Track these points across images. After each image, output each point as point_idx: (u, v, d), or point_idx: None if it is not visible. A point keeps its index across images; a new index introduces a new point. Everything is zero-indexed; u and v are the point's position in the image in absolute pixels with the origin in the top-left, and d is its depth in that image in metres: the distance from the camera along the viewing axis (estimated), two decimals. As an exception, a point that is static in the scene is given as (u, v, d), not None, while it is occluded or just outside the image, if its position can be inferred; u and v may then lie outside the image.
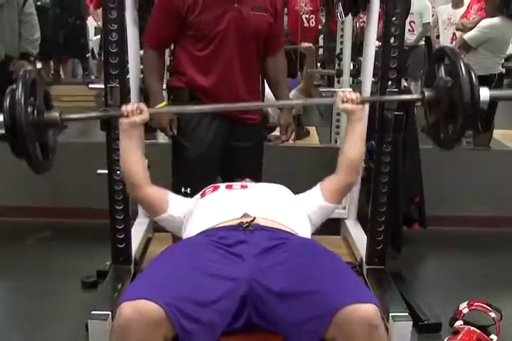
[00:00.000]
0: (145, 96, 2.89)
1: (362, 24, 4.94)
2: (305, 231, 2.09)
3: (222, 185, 2.25)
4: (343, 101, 2.18)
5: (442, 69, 2.08)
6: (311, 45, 4.48)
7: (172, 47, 2.83)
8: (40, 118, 1.96)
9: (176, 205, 2.18)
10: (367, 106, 2.90)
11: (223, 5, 2.55)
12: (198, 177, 2.66)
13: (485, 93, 1.94)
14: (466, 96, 1.90)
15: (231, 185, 2.24)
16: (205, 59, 2.63)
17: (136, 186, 2.15)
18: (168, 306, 1.54)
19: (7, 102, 1.85)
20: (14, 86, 1.86)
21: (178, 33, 2.63)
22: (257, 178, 2.56)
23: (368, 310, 1.55)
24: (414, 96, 2.22)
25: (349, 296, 1.57)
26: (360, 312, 1.53)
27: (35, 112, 1.93)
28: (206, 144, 2.70)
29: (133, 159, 2.14)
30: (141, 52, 2.98)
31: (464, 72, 1.92)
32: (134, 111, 2.09)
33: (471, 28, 4.98)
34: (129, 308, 1.53)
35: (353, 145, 2.22)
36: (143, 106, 2.12)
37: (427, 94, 2.10)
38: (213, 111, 2.50)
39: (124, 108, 2.11)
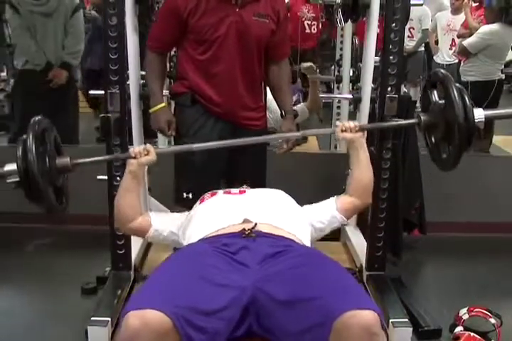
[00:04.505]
0: (145, 103, 2.90)
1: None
2: (304, 235, 2.11)
3: (221, 191, 2.26)
4: (342, 131, 2.23)
5: (436, 93, 2.14)
6: (311, 64, 4.47)
7: (173, 52, 2.84)
8: (52, 165, 2.01)
9: (158, 220, 2.23)
10: (366, 113, 2.92)
11: (225, 10, 2.56)
12: (201, 182, 2.66)
13: (479, 113, 1.99)
14: (460, 118, 1.95)
15: (229, 191, 2.26)
16: (205, 63, 2.64)
17: (122, 222, 2.22)
18: (176, 316, 1.53)
19: (20, 152, 1.90)
20: (25, 136, 1.90)
21: (180, 36, 2.65)
22: (260, 184, 2.57)
23: (367, 316, 1.54)
24: (411, 121, 2.27)
25: (348, 303, 1.57)
26: (358, 319, 1.53)
27: (47, 159, 1.99)
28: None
29: (131, 199, 2.19)
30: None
31: (456, 96, 1.97)
32: (142, 153, 2.13)
33: (471, 34, 5.01)
34: (135, 318, 1.51)
35: (363, 172, 2.29)
36: (149, 147, 2.16)
37: (423, 118, 2.16)
38: (219, 147, 2.46)
39: (131, 150, 2.16)
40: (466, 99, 1.97)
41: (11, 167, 1.91)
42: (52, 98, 4.21)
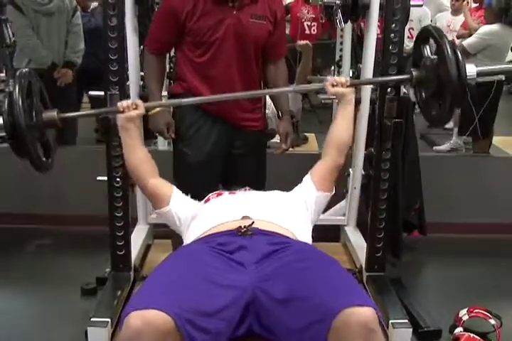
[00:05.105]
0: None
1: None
2: (305, 232, 2.11)
3: (226, 192, 2.27)
4: (332, 86, 2.23)
5: (428, 48, 2.11)
6: (307, 42, 4.48)
7: (173, 53, 2.84)
8: (39, 119, 1.99)
9: (178, 201, 2.22)
10: (366, 114, 2.91)
11: (222, 12, 2.56)
12: (199, 183, 2.67)
13: (471, 69, 1.96)
14: (452, 73, 1.93)
15: (234, 192, 2.27)
16: (203, 65, 2.64)
17: (142, 178, 2.21)
18: (178, 316, 1.53)
19: (5, 105, 1.88)
20: (11, 88, 1.88)
21: (178, 38, 2.65)
22: (259, 186, 2.57)
23: (365, 313, 1.54)
24: (402, 76, 2.23)
25: (347, 300, 1.57)
26: (357, 316, 1.53)
27: (34, 113, 1.96)
28: (206, 151, 2.70)
29: (135, 152, 2.21)
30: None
31: (449, 50, 1.94)
32: (130, 107, 2.15)
33: (471, 34, 5.01)
34: (137, 319, 1.51)
35: (343, 127, 2.30)
36: (138, 101, 2.18)
37: (414, 73, 2.13)
38: (206, 102, 2.49)
39: (119, 104, 2.16)
40: (459, 54, 1.94)
41: None
42: (56, 97, 4.22)
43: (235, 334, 1.71)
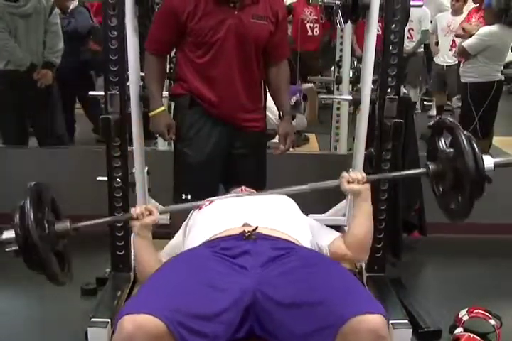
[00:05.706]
0: (144, 104, 2.89)
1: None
2: (305, 238, 2.10)
3: (217, 199, 2.26)
4: (348, 182, 2.12)
5: (443, 141, 2.06)
6: (312, 85, 4.53)
7: (173, 54, 2.83)
8: (51, 231, 1.93)
9: (171, 252, 2.21)
10: (366, 114, 2.92)
11: (223, 12, 2.56)
12: (199, 184, 2.67)
13: (489, 161, 1.94)
14: (471, 167, 1.89)
15: (224, 196, 2.25)
16: (204, 66, 2.64)
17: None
18: (169, 320, 1.53)
19: (17, 219, 1.82)
20: (23, 202, 1.83)
21: (178, 38, 2.65)
22: (260, 186, 2.57)
23: (376, 320, 1.54)
24: (419, 171, 2.15)
25: (357, 307, 1.57)
26: (367, 323, 1.53)
27: (46, 225, 1.91)
28: (207, 151, 2.71)
29: (147, 259, 2.12)
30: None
31: (465, 144, 1.90)
32: (144, 213, 2.06)
33: (471, 35, 5.00)
34: (129, 323, 1.52)
35: (361, 225, 2.19)
36: (151, 207, 2.09)
37: (431, 167, 2.07)
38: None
39: (133, 210, 2.08)
40: (476, 147, 1.90)
41: (9, 235, 1.83)
42: (37, 98, 4.22)
43: (236, 336, 1.71)
